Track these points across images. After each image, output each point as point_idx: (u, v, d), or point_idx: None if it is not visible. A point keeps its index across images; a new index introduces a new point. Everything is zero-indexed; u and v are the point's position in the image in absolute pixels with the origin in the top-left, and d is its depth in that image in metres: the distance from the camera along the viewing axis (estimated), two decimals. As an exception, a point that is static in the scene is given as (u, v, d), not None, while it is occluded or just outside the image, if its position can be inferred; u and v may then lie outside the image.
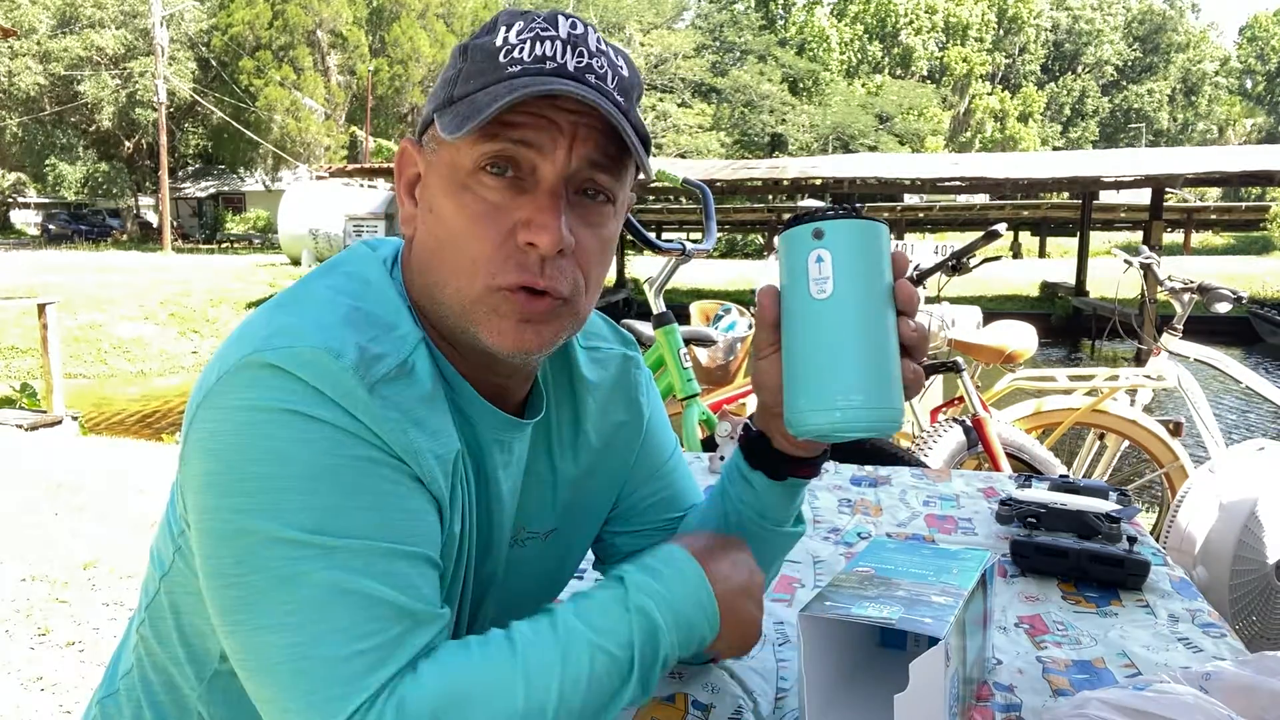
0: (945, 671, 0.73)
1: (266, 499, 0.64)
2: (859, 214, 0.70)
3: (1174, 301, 3.25)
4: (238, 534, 0.64)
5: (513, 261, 0.70)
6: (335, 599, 0.63)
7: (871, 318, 0.69)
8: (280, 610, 0.63)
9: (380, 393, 0.66)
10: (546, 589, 0.95)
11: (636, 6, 49.36)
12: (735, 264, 25.49)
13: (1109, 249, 4.39)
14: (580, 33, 0.71)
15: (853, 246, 0.69)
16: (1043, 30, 64.09)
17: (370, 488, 0.66)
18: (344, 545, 0.64)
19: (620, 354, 0.93)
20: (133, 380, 11.91)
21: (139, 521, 4.09)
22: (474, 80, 0.70)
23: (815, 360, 0.69)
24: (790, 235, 0.71)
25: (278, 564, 0.63)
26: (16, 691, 2.61)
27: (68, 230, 33.68)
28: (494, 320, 0.71)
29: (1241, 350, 13.58)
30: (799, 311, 0.70)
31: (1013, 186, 13.75)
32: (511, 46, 0.70)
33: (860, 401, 0.67)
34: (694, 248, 2.58)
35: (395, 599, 0.65)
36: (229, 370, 0.66)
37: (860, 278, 0.69)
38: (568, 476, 0.88)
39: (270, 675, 0.63)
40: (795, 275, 0.70)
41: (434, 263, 0.73)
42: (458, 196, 0.71)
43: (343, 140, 33.86)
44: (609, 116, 0.68)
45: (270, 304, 0.72)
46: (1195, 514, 2.26)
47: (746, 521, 0.85)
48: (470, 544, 0.77)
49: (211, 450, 0.66)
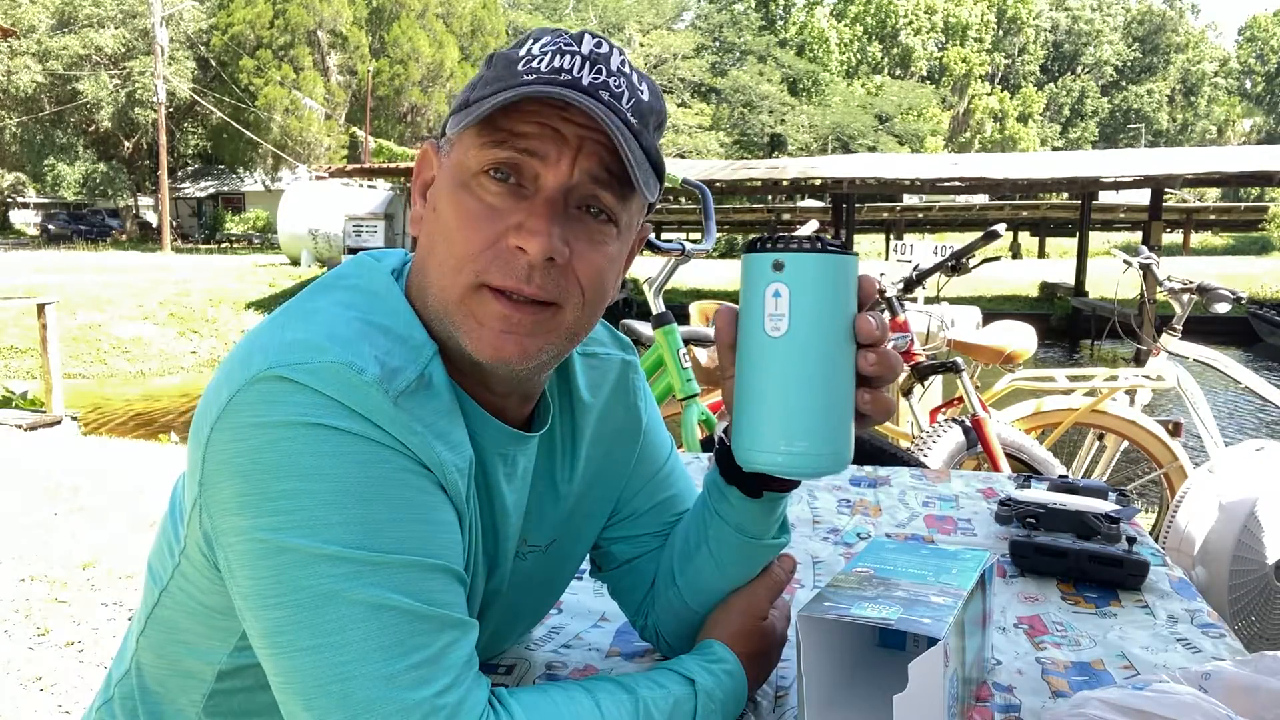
0: (944, 672, 0.73)
1: (302, 516, 0.62)
2: (825, 247, 0.66)
3: (1173, 302, 3.25)
4: (275, 553, 0.63)
5: (500, 262, 0.69)
6: (378, 616, 0.63)
7: (825, 360, 0.66)
8: (324, 629, 0.62)
9: (404, 406, 0.66)
10: (543, 600, 0.95)
11: (636, 7, 49.38)
12: (735, 264, 25.44)
13: (1108, 249, 4.39)
14: (604, 52, 0.71)
15: (813, 284, 0.66)
16: (1042, 31, 64.12)
17: (405, 500, 0.65)
18: (384, 560, 0.63)
19: (619, 359, 0.92)
20: (132, 380, 11.91)
21: (138, 522, 4.08)
22: (490, 85, 0.70)
23: (763, 400, 0.67)
24: (750, 261, 0.68)
25: (318, 581, 0.62)
26: (16, 691, 2.61)
27: (67, 230, 33.68)
28: (474, 326, 0.70)
29: (1240, 350, 13.59)
30: (752, 347, 0.68)
31: (1012, 187, 13.76)
32: (533, 57, 0.70)
33: (804, 447, 0.66)
34: (693, 248, 2.58)
35: (435, 613, 0.65)
36: (242, 387, 0.64)
37: (818, 318, 0.66)
38: (570, 491, 0.87)
39: (317, 696, 0.63)
40: (751, 306, 0.68)
41: (428, 262, 0.73)
42: (457, 195, 0.71)
43: (342, 140, 33.84)
44: (612, 131, 0.67)
45: (276, 320, 0.70)
46: (1194, 514, 2.26)
47: (726, 535, 0.84)
48: (477, 559, 0.77)
49: (239, 471, 0.64)
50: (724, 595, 0.87)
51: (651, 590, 0.94)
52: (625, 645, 1.03)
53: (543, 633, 1.06)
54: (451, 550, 0.68)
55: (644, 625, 0.96)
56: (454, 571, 0.68)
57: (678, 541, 0.91)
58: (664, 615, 0.92)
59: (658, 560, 0.94)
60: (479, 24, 36.82)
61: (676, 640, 0.93)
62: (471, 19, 36.58)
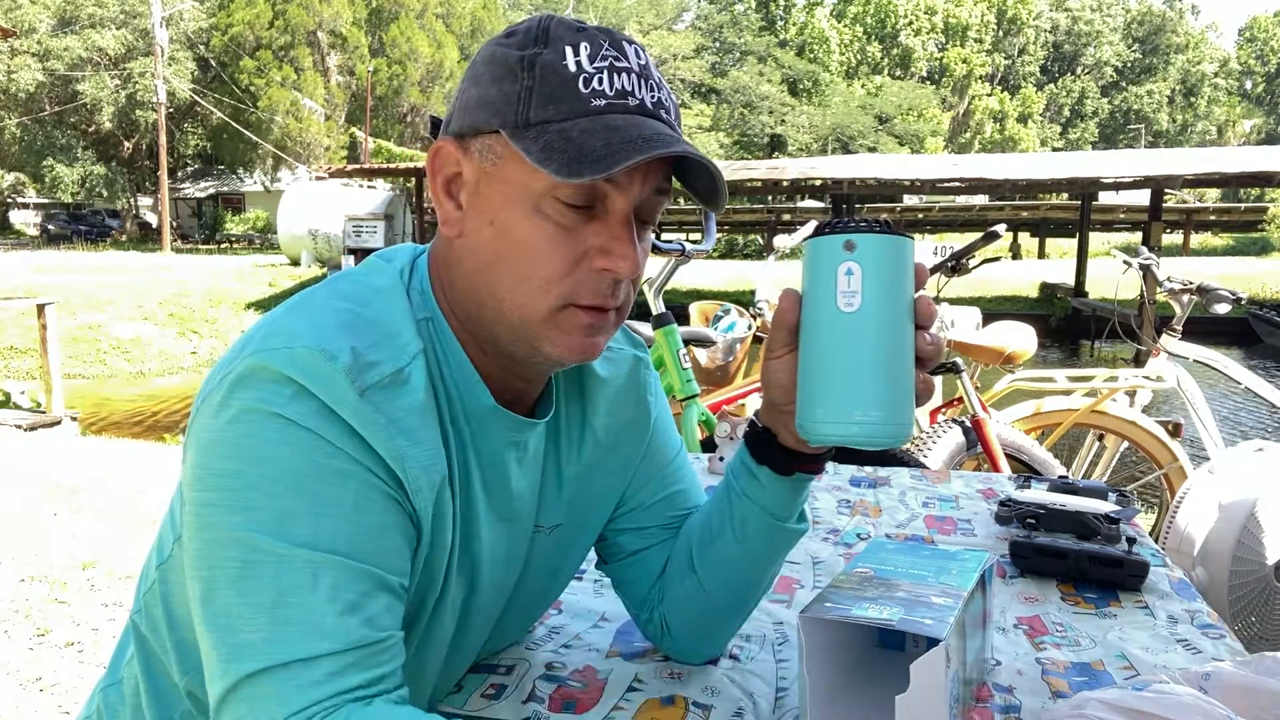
0: (946, 672, 0.73)
1: (231, 497, 0.65)
2: (891, 229, 0.70)
3: (1173, 302, 3.25)
4: (204, 528, 0.66)
5: (589, 284, 0.72)
6: (281, 609, 0.63)
7: (895, 333, 0.70)
8: (229, 609, 0.64)
9: (370, 398, 0.67)
10: (548, 585, 0.95)
11: (636, 7, 49.42)
12: (734, 264, 25.48)
13: (1108, 250, 4.39)
14: (645, 62, 0.73)
15: (883, 262, 0.69)
16: (1042, 31, 64.12)
17: (338, 499, 0.66)
18: (297, 555, 0.64)
19: (631, 355, 0.95)
20: (132, 380, 11.91)
21: (138, 522, 4.08)
22: (553, 106, 0.69)
23: (836, 372, 0.70)
24: (820, 244, 0.71)
25: (231, 564, 0.65)
26: (16, 692, 2.60)
27: (67, 230, 33.63)
28: (560, 335, 0.74)
29: (1240, 351, 13.58)
30: (823, 322, 0.71)
31: (1012, 187, 13.76)
32: (590, 75, 0.70)
33: (878, 417, 0.69)
34: (693, 248, 2.58)
35: (343, 624, 0.64)
36: (229, 371, 0.68)
37: (888, 294, 0.69)
38: (573, 472, 0.89)
39: (213, 668, 0.65)
40: (822, 285, 0.71)
41: (491, 274, 0.73)
42: (531, 217, 0.71)
43: (342, 140, 33.83)
44: (703, 162, 0.71)
45: (279, 308, 0.74)
46: (1194, 515, 2.26)
47: (752, 517, 0.86)
48: (449, 561, 0.77)
49: (200, 445, 0.68)
50: (745, 581, 0.90)
51: (659, 582, 0.95)
52: (625, 646, 1.03)
53: (543, 632, 1.06)
54: (383, 557, 0.68)
55: (648, 618, 0.97)
56: (379, 580, 0.67)
57: (695, 530, 0.93)
58: (675, 606, 0.94)
59: (664, 553, 0.96)
60: (478, 24, 36.84)
61: (684, 631, 0.95)
62: (471, 19, 36.59)
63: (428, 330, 0.75)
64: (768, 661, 0.99)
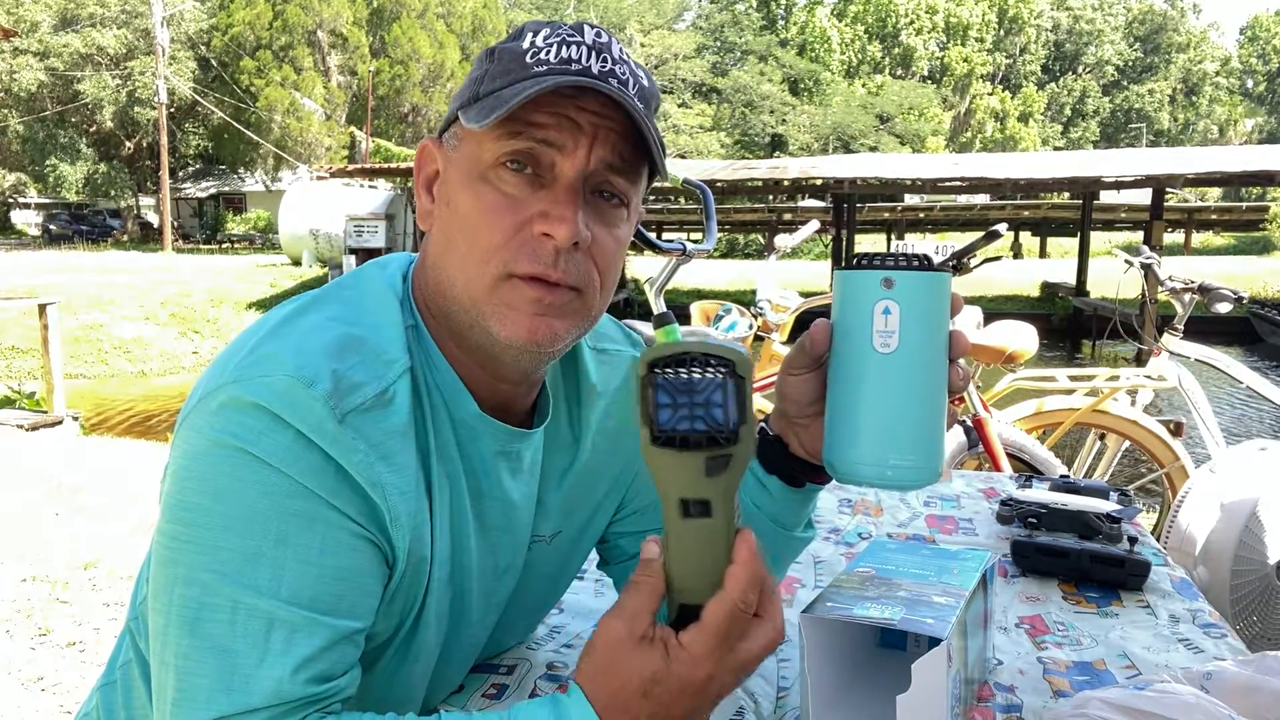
0: (947, 672, 0.73)
1: (197, 534, 0.65)
2: (930, 265, 0.68)
3: (1174, 302, 3.25)
4: (168, 562, 0.66)
5: (527, 250, 0.70)
6: (230, 657, 0.63)
7: (932, 376, 0.68)
8: (181, 651, 0.64)
9: (351, 423, 0.67)
10: (549, 590, 0.95)
11: (637, 7, 49.40)
12: (736, 264, 25.49)
13: (1109, 249, 4.39)
14: (604, 41, 0.72)
15: (922, 301, 0.67)
16: (1043, 30, 64.07)
17: (304, 544, 0.65)
18: (256, 604, 0.63)
19: (630, 356, 0.93)
20: (133, 380, 11.91)
21: (139, 522, 4.09)
22: (500, 79, 0.71)
23: (871, 415, 0.68)
24: (855, 278, 0.69)
25: (188, 604, 0.64)
26: (17, 691, 2.61)
27: (68, 230, 33.64)
28: (505, 312, 0.71)
29: (1242, 350, 13.57)
30: (858, 361, 0.68)
31: (1013, 187, 13.74)
32: (539, 49, 0.71)
33: (913, 461, 0.67)
34: (694, 248, 2.58)
35: (292, 682, 0.63)
36: (209, 394, 0.67)
37: (925, 335, 0.67)
38: (572, 479, 0.88)
39: (162, 708, 0.65)
40: (858, 322, 0.68)
41: (447, 256, 0.74)
42: (475, 188, 0.72)
43: (343, 140, 33.82)
44: (633, 113, 0.69)
45: (267, 327, 0.72)
46: (1196, 514, 2.26)
47: (760, 526, 0.84)
48: (429, 587, 0.76)
49: (173, 473, 0.68)
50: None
51: None
52: (627, 645, 1.03)
53: (543, 632, 1.06)
54: (346, 604, 0.67)
55: None
56: (337, 630, 0.66)
57: None
58: None
59: None
60: (479, 24, 36.80)
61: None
62: (472, 19, 36.55)
63: (414, 339, 0.75)
64: (769, 661, 0.99)
